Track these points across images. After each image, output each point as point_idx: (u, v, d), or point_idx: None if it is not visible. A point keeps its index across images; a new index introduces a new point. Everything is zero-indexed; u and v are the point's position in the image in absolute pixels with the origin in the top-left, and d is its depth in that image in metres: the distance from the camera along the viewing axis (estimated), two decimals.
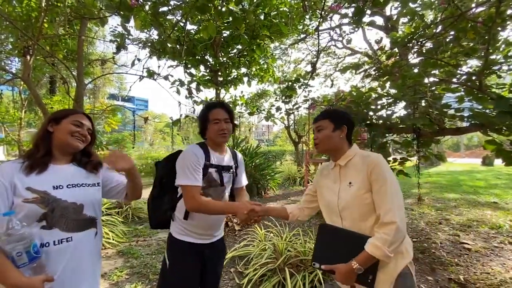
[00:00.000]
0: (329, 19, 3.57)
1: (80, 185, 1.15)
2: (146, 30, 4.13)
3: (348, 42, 4.31)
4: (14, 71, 5.75)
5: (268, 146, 24.85)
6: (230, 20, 3.60)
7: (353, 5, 2.70)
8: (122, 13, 2.72)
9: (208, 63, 4.86)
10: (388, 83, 3.26)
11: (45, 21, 3.47)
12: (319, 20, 3.32)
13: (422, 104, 2.72)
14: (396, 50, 3.60)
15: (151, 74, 3.94)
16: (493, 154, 2.21)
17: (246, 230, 4.06)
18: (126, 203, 5.03)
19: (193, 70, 4.84)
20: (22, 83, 6.01)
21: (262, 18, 4.20)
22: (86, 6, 3.51)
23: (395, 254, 1.09)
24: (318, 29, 3.52)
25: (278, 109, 5.08)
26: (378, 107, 2.89)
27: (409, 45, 3.09)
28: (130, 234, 4.26)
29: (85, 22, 4.05)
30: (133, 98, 52.40)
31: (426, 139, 2.82)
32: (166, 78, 4.03)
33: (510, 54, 2.62)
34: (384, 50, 3.86)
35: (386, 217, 1.09)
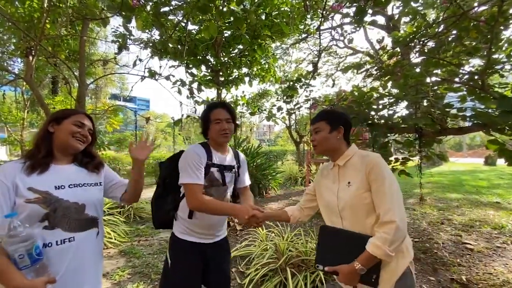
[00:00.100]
0: (330, 19, 3.57)
1: (81, 185, 1.16)
2: (147, 31, 4.14)
3: (349, 41, 4.30)
4: (16, 72, 5.77)
5: (269, 146, 24.86)
6: (232, 20, 3.61)
7: (354, 4, 2.69)
8: (123, 13, 2.73)
9: (209, 63, 4.86)
10: (389, 83, 3.25)
11: (47, 21, 3.48)
12: (321, 19, 3.32)
13: (424, 103, 2.72)
14: (398, 49, 3.58)
15: (153, 74, 3.95)
16: (495, 154, 2.20)
17: (248, 230, 4.06)
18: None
19: (194, 70, 4.85)
20: (25, 84, 6.05)
21: (264, 18, 4.20)
22: (88, 6, 3.53)
23: (396, 253, 1.09)
24: (320, 28, 3.52)
25: (279, 109, 5.07)
26: (380, 107, 2.89)
27: (411, 44, 3.07)
28: (132, 234, 4.27)
29: (87, 22, 4.07)
30: (134, 98, 52.54)
31: (428, 139, 2.81)
32: (167, 78, 4.05)
33: None
34: (385, 50, 3.84)
35: (385, 216, 1.09)
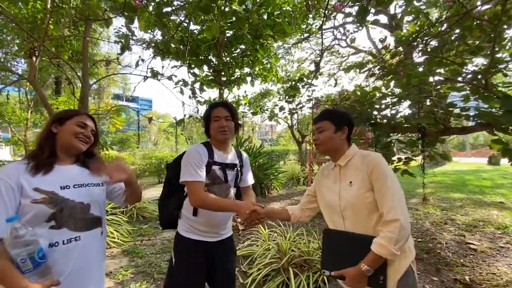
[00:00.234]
0: (332, 18, 3.56)
1: (86, 185, 1.17)
2: (150, 31, 4.16)
3: (352, 41, 4.29)
4: (20, 73, 5.80)
5: (271, 145, 24.85)
6: (234, 20, 3.61)
7: (356, 3, 2.68)
8: (126, 14, 2.75)
9: (211, 63, 4.87)
10: (392, 82, 3.24)
11: (50, 22, 3.50)
12: (323, 19, 3.31)
13: (427, 103, 2.70)
14: (400, 48, 3.57)
15: (155, 75, 3.97)
16: (499, 154, 2.19)
17: (250, 229, 4.07)
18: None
19: (196, 70, 4.86)
20: (28, 84, 6.09)
21: (265, 17, 4.20)
22: (91, 7, 3.56)
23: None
24: (322, 28, 3.51)
25: (281, 108, 5.07)
26: (383, 107, 2.87)
27: (413, 43, 3.06)
28: (134, 234, 4.29)
29: (90, 23, 4.09)
30: (137, 98, 52.74)
31: (431, 139, 2.79)
32: (169, 78, 4.07)
33: None
34: (388, 49, 3.83)
35: (389, 215, 1.09)
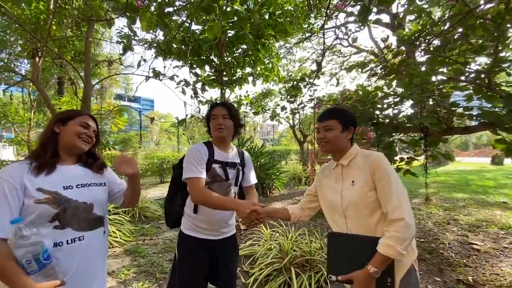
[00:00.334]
0: (334, 18, 3.55)
1: (88, 185, 1.17)
2: (152, 31, 4.16)
3: (353, 40, 4.29)
4: (23, 73, 5.85)
5: (273, 145, 24.80)
6: (235, 20, 3.61)
7: (358, 3, 2.68)
8: (128, 14, 2.76)
9: (213, 63, 4.87)
10: (394, 82, 3.23)
11: (53, 23, 3.52)
12: (324, 18, 3.30)
13: (429, 102, 2.69)
14: (402, 48, 3.55)
15: (157, 75, 3.98)
16: (502, 153, 2.18)
17: (252, 229, 4.07)
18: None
19: (198, 70, 4.87)
20: (31, 85, 6.12)
21: (267, 17, 4.19)
22: (93, 8, 3.57)
23: None
24: (324, 27, 3.50)
25: (283, 108, 5.08)
26: (385, 106, 2.87)
27: (416, 43, 3.05)
28: (137, 233, 4.31)
29: (92, 24, 4.11)
30: (139, 98, 52.95)
31: (433, 138, 2.78)
32: (171, 78, 4.07)
33: None
34: (390, 48, 3.81)
35: (394, 214, 1.08)
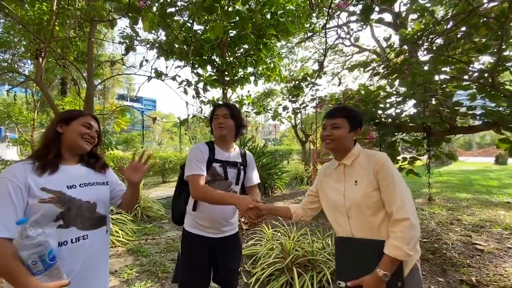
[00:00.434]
0: (336, 17, 3.53)
1: (91, 184, 1.18)
2: (154, 31, 4.17)
3: (356, 39, 4.27)
4: (27, 74, 5.88)
5: (275, 145, 24.78)
6: (237, 20, 3.60)
7: (361, 2, 2.67)
8: (130, 15, 2.77)
9: (215, 63, 4.87)
10: (397, 81, 3.21)
11: (56, 24, 3.53)
12: (326, 18, 3.30)
13: (432, 102, 2.68)
14: (405, 47, 3.54)
15: (159, 75, 4.00)
16: (506, 153, 2.16)
17: (254, 229, 4.07)
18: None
19: (200, 70, 4.87)
20: (35, 85, 6.17)
21: (269, 17, 4.18)
22: (96, 9, 3.59)
23: None
24: (325, 27, 3.49)
25: (285, 108, 5.07)
26: (387, 106, 2.85)
27: (419, 42, 3.03)
28: (139, 233, 4.33)
29: (95, 24, 4.13)
30: (141, 99, 53.09)
31: (436, 138, 2.76)
32: (173, 78, 4.09)
33: None
34: (393, 48, 3.80)
35: (398, 214, 1.08)
